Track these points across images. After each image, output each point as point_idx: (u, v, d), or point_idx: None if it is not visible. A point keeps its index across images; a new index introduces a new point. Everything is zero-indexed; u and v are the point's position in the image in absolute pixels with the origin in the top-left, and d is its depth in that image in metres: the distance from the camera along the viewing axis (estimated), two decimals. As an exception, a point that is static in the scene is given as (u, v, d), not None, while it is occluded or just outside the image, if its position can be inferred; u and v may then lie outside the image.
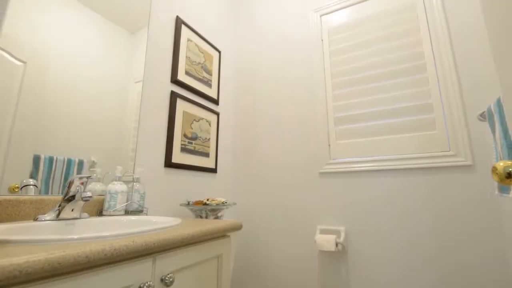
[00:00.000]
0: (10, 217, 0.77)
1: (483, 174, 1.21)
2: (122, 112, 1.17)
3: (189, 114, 1.52)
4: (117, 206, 0.98)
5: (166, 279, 0.59)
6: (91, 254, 0.45)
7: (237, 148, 1.92)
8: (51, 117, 0.92)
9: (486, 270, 1.14)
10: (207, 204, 1.28)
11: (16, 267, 0.36)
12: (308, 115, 1.69)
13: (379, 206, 1.39)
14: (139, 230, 0.60)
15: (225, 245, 0.84)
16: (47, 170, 0.89)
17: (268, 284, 1.61)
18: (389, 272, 1.31)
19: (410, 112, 1.40)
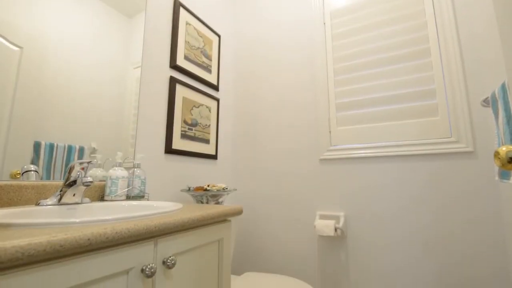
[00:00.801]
0: (12, 202, 0.77)
1: (484, 161, 1.21)
2: (121, 98, 1.15)
3: (189, 100, 1.51)
4: (118, 191, 0.99)
5: (168, 262, 0.60)
6: (92, 237, 0.45)
7: (238, 135, 1.92)
8: (50, 103, 0.91)
9: (485, 257, 1.16)
10: (208, 190, 1.28)
11: (18, 249, 0.37)
12: (309, 101, 1.67)
13: (379, 192, 1.40)
14: (140, 214, 0.61)
15: (226, 229, 0.85)
16: (48, 157, 0.89)
17: (268, 268, 1.65)
18: (388, 257, 1.34)
19: (413, 98, 1.38)
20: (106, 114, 1.09)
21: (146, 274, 0.54)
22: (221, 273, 0.81)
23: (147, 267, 0.54)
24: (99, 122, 1.06)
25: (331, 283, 1.45)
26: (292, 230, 1.61)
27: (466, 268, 1.18)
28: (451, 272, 1.21)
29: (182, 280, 0.67)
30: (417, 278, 1.26)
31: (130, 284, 0.53)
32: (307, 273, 1.53)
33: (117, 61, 1.15)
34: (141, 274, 0.55)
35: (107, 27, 1.12)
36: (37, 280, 0.40)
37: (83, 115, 1.01)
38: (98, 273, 0.48)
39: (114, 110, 1.12)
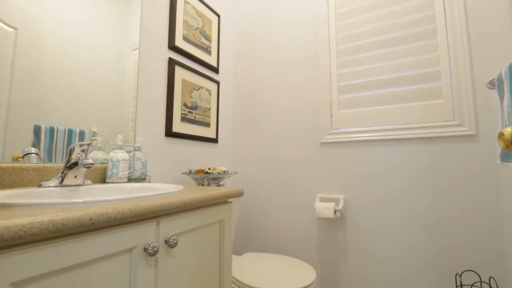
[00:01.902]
0: (14, 184, 0.78)
1: (486, 144, 1.20)
2: (120, 81, 1.13)
3: (189, 83, 1.48)
4: (120, 174, 0.99)
5: (170, 241, 0.60)
6: (94, 216, 0.45)
7: (238, 118, 1.90)
8: (49, 85, 0.89)
9: (483, 243, 1.17)
10: (209, 172, 1.29)
11: (20, 227, 0.37)
12: (310, 84, 1.64)
13: (379, 175, 1.40)
14: (142, 195, 0.61)
15: (227, 210, 0.85)
16: (49, 141, 0.89)
17: (268, 249, 1.69)
18: (386, 240, 1.36)
19: (416, 80, 1.35)
20: (105, 97, 1.07)
21: (149, 252, 0.55)
22: (222, 252, 0.82)
23: (150, 246, 0.55)
24: (99, 105, 1.05)
25: (329, 264, 1.49)
26: (292, 213, 1.63)
27: (464, 253, 1.20)
28: (449, 257, 1.23)
29: (185, 258, 0.68)
30: (415, 262, 1.29)
31: (134, 262, 0.55)
32: (307, 254, 1.56)
33: (114, 42, 1.12)
34: (144, 253, 0.56)
35: (104, 7, 1.08)
36: (41, 258, 0.41)
37: (83, 98, 0.99)
38: (101, 252, 0.49)
39: (114, 93, 1.11)
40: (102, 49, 1.07)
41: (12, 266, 0.38)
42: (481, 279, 1.15)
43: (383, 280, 1.35)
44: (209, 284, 0.77)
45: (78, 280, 0.46)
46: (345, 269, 1.45)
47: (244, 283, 1.06)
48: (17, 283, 0.38)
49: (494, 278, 1.02)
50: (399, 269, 1.32)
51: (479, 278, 1.16)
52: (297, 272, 1.14)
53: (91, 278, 0.48)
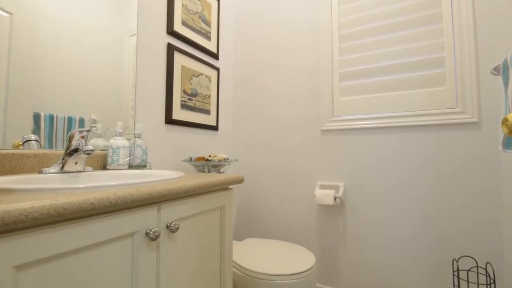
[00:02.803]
0: (15, 170, 0.78)
1: (488, 132, 1.19)
2: (119, 68, 1.12)
3: (188, 69, 1.46)
4: (120, 160, 0.99)
5: (171, 226, 0.61)
6: (95, 201, 0.45)
7: (238, 105, 1.89)
8: (46, 71, 0.88)
9: (481, 233, 1.18)
10: (209, 160, 1.29)
11: (21, 211, 0.37)
12: (312, 70, 1.62)
13: (380, 163, 1.40)
14: (143, 181, 0.61)
15: (228, 196, 0.86)
16: (49, 128, 0.88)
17: (268, 236, 1.71)
18: (385, 226, 1.38)
19: (420, 66, 1.33)
20: (104, 84, 1.06)
21: (151, 237, 0.55)
22: (223, 237, 0.83)
23: (151, 230, 0.56)
24: (98, 92, 1.04)
25: (329, 250, 1.52)
26: (292, 200, 1.64)
27: (463, 240, 1.22)
28: (448, 244, 1.24)
29: (186, 243, 0.69)
30: (414, 249, 1.31)
31: (136, 246, 0.55)
32: (306, 240, 1.58)
33: (112, 27, 1.09)
34: (146, 237, 0.57)
35: (99, -12, 1.05)
36: (43, 242, 0.41)
37: (81, 84, 0.98)
38: (103, 236, 0.49)
39: (113, 80, 1.09)
40: (99, 33, 1.04)
41: (14, 250, 0.38)
42: (478, 265, 1.17)
43: (381, 266, 1.37)
44: (210, 268, 0.79)
45: (81, 264, 0.47)
46: (344, 255, 1.47)
47: (245, 267, 1.08)
48: (20, 266, 0.39)
49: (490, 264, 1.04)
50: (397, 256, 1.34)
51: (475, 264, 1.18)
52: (297, 257, 1.16)
53: (94, 262, 0.48)
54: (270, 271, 1.04)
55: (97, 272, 0.49)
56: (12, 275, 0.38)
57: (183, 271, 0.68)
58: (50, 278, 0.43)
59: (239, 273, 1.09)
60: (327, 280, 1.51)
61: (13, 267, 0.38)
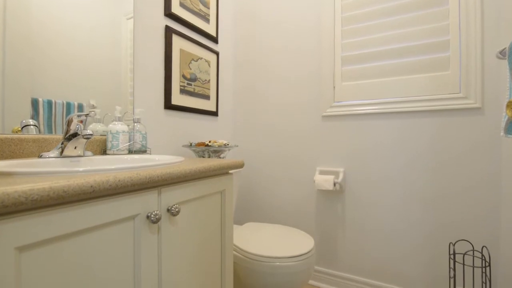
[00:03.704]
0: (14, 155, 0.77)
1: (490, 118, 1.18)
2: (117, 53, 1.09)
3: (187, 53, 1.43)
4: (120, 145, 0.99)
5: (172, 209, 0.61)
6: (95, 184, 0.45)
7: (238, 91, 1.86)
8: (44, 54, 0.86)
9: (481, 214, 1.19)
10: (209, 145, 1.28)
11: (21, 193, 0.37)
12: (313, 54, 1.58)
13: (380, 149, 1.40)
14: (143, 165, 0.61)
15: (228, 181, 0.86)
16: (48, 114, 0.87)
17: (268, 221, 1.74)
18: (384, 211, 1.39)
19: (424, 50, 1.30)
20: (102, 70, 1.04)
21: (152, 220, 0.56)
22: (224, 221, 0.84)
23: (152, 213, 0.56)
24: (96, 77, 1.02)
25: (327, 235, 1.54)
26: (292, 185, 1.65)
27: (461, 225, 1.23)
28: (446, 229, 1.26)
29: (187, 226, 0.70)
30: (412, 235, 1.33)
31: (137, 228, 0.56)
32: (305, 225, 1.61)
33: (108, 9, 1.06)
34: (147, 220, 0.57)
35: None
36: (45, 224, 0.41)
37: (79, 68, 0.96)
38: (105, 218, 0.49)
39: (111, 66, 1.07)
40: (94, 14, 1.01)
41: (16, 231, 0.38)
42: (474, 248, 1.19)
43: (379, 250, 1.40)
44: (211, 250, 0.80)
45: (84, 245, 0.47)
46: (343, 240, 1.50)
47: (246, 250, 1.10)
48: (22, 248, 0.39)
49: (486, 248, 1.06)
50: (395, 240, 1.36)
51: (472, 248, 1.20)
52: (297, 240, 1.18)
53: (96, 244, 0.49)
54: (270, 254, 1.06)
55: (100, 253, 0.50)
56: (14, 256, 0.38)
57: (185, 253, 0.69)
58: (53, 259, 0.43)
59: (239, 255, 1.12)
60: (326, 263, 1.54)
61: (15, 248, 0.38)
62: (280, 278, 1.05)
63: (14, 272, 0.38)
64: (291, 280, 1.06)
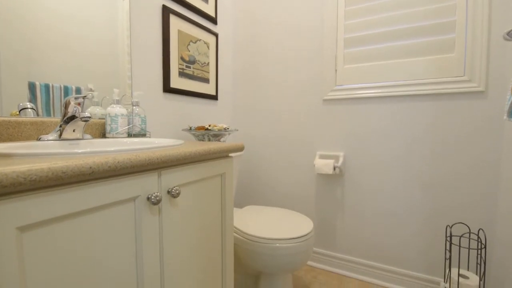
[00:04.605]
0: (13, 138, 0.77)
1: (493, 102, 1.17)
2: (113, 34, 1.06)
3: (185, 34, 1.39)
4: (119, 129, 0.98)
5: (172, 191, 0.62)
6: (94, 165, 0.45)
7: (238, 74, 1.83)
8: (38, 33, 0.83)
9: (479, 198, 1.20)
10: (209, 129, 1.28)
11: (19, 174, 0.37)
12: (315, 35, 1.54)
13: (381, 133, 1.39)
14: (142, 147, 0.60)
15: (228, 164, 0.86)
16: (45, 98, 0.86)
17: (268, 205, 1.76)
18: (383, 195, 1.40)
19: (429, 31, 1.26)
20: (100, 53, 1.01)
21: (152, 201, 0.56)
22: (224, 203, 0.85)
23: (152, 195, 0.56)
24: (94, 62, 0.99)
25: (326, 219, 1.56)
26: (292, 169, 1.66)
27: (460, 209, 1.24)
28: (445, 213, 1.27)
29: (188, 208, 0.71)
30: (410, 218, 1.35)
31: (138, 210, 0.56)
32: (305, 208, 1.63)
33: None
34: (147, 202, 0.57)
35: None
36: (46, 204, 0.42)
37: (76, 52, 0.94)
38: (105, 200, 0.50)
39: (108, 49, 1.04)
40: (89, -7, 0.97)
41: (17, 211, 0.39)
42: (470, 231, 1.21)
43: (377, 233, 1.42)
44: (212, 232, 0.81)
45: (85, 226, 0.48)
46: (342, 223, 1.52)
47: (246, 232, 1.12)
48: (24, 228, 0.40)
49: (483, 230, 1.08)
50: (393, 223, 1.38)
51: (468, 230, 1.22)
52: (296, 223, 1.20)
53: (98, 224, 0.49)
54: (270, 235, 1.08)
55: (102, 234, 0.50)
56: (16, 236, 0.39)
57: (186, 234, 0.70)
58: (55, 239, 0.44)
59: (240, 237, 1.14)
60: (325, 245, 1.58)
61: (16, 228, 0.39)
62: (280, 259, 1.07)
63: (16, 252, 0.39)
64: (291, 261, 1.08)
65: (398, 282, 1.37)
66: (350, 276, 1.48)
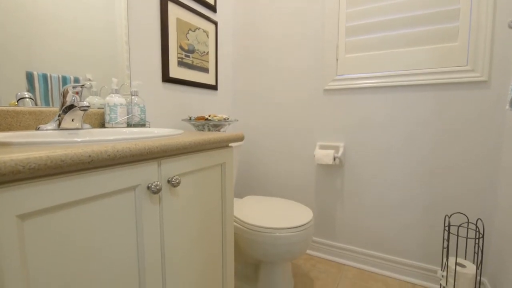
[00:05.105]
0: (11, 127, 0.77)
1: (496, 91, 1.16)
2: (112, 23, 1.04)
3: (184, 22, 1.37)
4: (118, 119, 0.97)
5: (172, 181, 0.62)
6: (93, 154, 0.45)
7: (238, 62, 1.81)
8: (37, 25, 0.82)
9: (479, 188, 1.21)
10: (209, 119, 1.27)
11: (17, 162, 0.36)
12: (316, 24, 1.51)
13: (381, 123, 1.39)
14: (141, 136, 0.60)
15: (228, 154, 0.86)
16: (44, 88, 0.85)
17: (268, 195, 1.77)
18: (382, 186, 1.41)
19: (433, 20, 1.24)
20: (97, 39, 0.99)
21: (152, 190, 0.56)
22: (224, 193, 0.85)
23: (153, 184, 0.56)
24: (92, 50, 0.98)
25: (326, 210, 1.57)
26: (292, 159, 1.66)
27: (457, 201, 1.25)
28: (445, 203, 1.28)
29: (188, 197, 0.71)
30: (410, 208, 1.35)
31: (138, 198, 0.56)
32: (305, 198, 1.64)
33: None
34: (148, 191, 0.57)
35: None
36: (45, 192, 0.41)
37: (73, 39, 0.92)
38: (105, 188, 0.50)
39: (105, 35, 1.02)
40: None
41: (16, 199, 0.38)
42: (469, 220, 1.22)
43: (376, 223, 1.44)
44: (212, 221, 0.82)
45: (85, 214, 0.48)
46: (341, 213, 1.53)
47: (246, 221, 1.13)
48: (24, 216, 0.40)
49: (481, 220, 1.08)
50: (392, 214, 1.39)
51: (467, 220, 1.23)
52: (296, 212, 1.21)
53: (98, 213, 0.50)
54: (270, 225, 1.08)
55: (103, 222, 0.50)
56: (17, 224, 0.39)
57: (186, 222, 0.71)
58: (56, 228, 0.44)
59: (240, 227, 1.15)
60: (324, 235, 1.59)
61: (17, 216, 0.39)
62: (280, 248, 1.08)
63: (17, 240, 0.39)
64: (290, 249, 1.09)
65: (396, 271, 1.40)
66: (348, 265, 1.51)
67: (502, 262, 1.07)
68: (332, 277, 1.40)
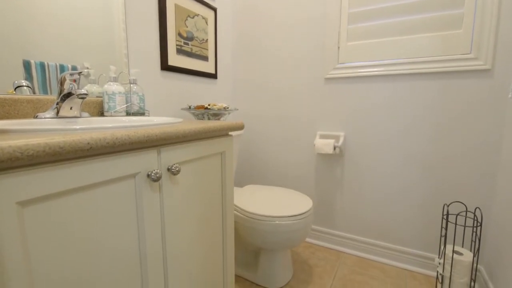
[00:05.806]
0: (9, 116, 0.76)
1: (499, 80, 1.14)
2: (108, 7, 1.01)
3: (182, 8, 1.34)
4: (117, 107, 0.96)
5: (172, 169, 0.61)
6: (92, 141, 0.44)
7: (238, 50, 1.78)
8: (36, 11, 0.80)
9: (477, 186, 1.21)
10: (209, 108, 1.26)
11: (16, 149, 0.36)
12: (318, 10, 1.48)
13: (382, 112, 1.38)
14: (140, 124, 0.60)
15: (228, 143, 0.86)
16: (41, 77, 0.84)
17: (268, 184, 1.77)
18: (382, 175, 1.41)
19: (437, 6, 1.21)
20: (94, 31, 0.97)
21: (152, 178, 0.56)
22: (224, 181, 0.85)
23: (153, 172, 0.56)
24: (89, 40, 0.96)
25: (325, 199, 1.58)
26: (292, 149, 1.66)
27: (457, 190, 1.25)
28: (444, 192, 1.28)
29: (188, 185, 0.71)
30: (409, 197, 1.36)
31: (138, 186, 0.56)
32: (305, 187, 1.65)
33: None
34: (148, 179, 0.57)
35: None
36: (45, 179, 0.41)
37: (70, 25, 0.90)
38: (104, 176, 0.49)
39: (103, 26, 1.00)
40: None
41: (16, 186, 0.38)
42: (467, 209, 1.23)
43: (375, 212, 1.45)
44: (212, 209, 0.82)
45: (85, 202, 0.48)
46: (341, 202, 1.54)
47: (246, 210, 1.14)
48: (24, 203, 0.40)
49: (480, 209, 1.09)
50: (392, 203, 1.40)
51: (465, 209, 1.24)
52: (295, 201, 1.22)
53: (98, 200, 0.50)
54: (270, 213, 1.09)
55: (103, 210, 0.51)
56: (17, 211, 0.39)
57: (186, 210, 0.71)
58: (57, 215, 0.44)
59: (240, 215, 1.16)
60: (324, 223, 1.61)
61: (17, 203, 0.39)
62: (279, 236, 1.10)
63: (18, 227, 0.39)
64: (290, 237, 1.11)
65: (394, 258, 1.42)
66: (347, 252, 1.53)
67: (498, 250, 1.08)
68: (331, 264, 1.42)
